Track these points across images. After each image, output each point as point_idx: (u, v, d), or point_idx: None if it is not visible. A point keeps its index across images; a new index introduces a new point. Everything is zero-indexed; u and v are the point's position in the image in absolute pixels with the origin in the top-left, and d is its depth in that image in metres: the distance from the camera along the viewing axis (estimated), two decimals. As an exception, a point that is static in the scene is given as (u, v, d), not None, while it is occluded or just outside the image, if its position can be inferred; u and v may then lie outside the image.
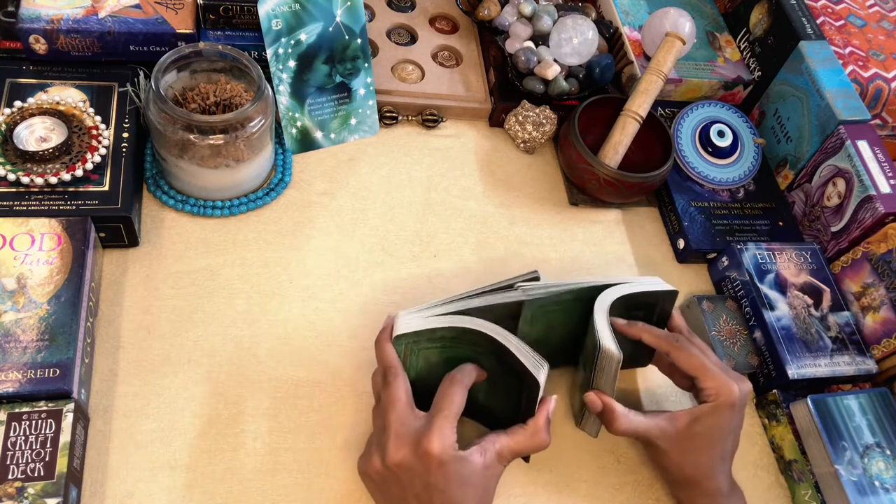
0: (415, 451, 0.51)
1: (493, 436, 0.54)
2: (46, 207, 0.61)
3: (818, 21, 0.86)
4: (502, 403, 0.58)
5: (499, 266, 0.73)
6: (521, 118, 0.80)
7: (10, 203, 0.60)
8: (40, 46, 0.67)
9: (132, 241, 0.65)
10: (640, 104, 0.77)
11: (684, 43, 0.79)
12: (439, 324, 0.56)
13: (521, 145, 0.82)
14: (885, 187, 0.73)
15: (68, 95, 0.66)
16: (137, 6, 0.68)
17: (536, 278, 0.61)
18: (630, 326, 0.61)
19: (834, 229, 0.76)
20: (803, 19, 0.83)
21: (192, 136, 0.61)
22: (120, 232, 0.63)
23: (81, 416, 0.54)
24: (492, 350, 0.56)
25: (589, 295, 0.60)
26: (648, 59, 0.85)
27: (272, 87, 0.67)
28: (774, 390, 0.68)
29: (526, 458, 0.60)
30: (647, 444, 0.60)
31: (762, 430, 0.69)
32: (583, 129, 0.78)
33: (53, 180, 0.61)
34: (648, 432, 0.58)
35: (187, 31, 0.69)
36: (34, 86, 0.67)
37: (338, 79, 0.71)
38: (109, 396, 0.58)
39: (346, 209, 0.73)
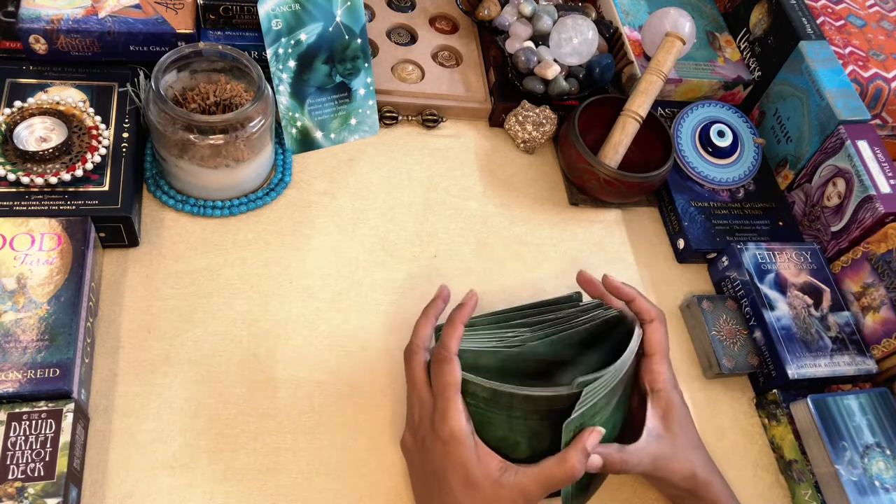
0: (430, 430, 0.51)
1: (526, 466, 0.50)
2: (46, 207, 0.61)
3: (818, 21, 0.86)
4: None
5: (498, 266, 0.73)
6: (521, 118, 0.80)
7: (10, 203, 0.60)
8: (40, 46, 0.67)
9: (132, 241, 0.65)
10: (640, 104, 0.77)
11: (684, 43, 0.79)
12: (475, 379, 0.51)
13: (521, 145, 0.82)
14: (885, 187, 0.73)
15: (68, 95, 0.66)
16: (137, 6, 0.68)
17: (577, 299, 0.62)
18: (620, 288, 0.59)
19: (834, 229, 0.76)
20: (803, 19, 0.83)
21: (192, 136, 0.61)
22: (120, 232, 0.63)
23: (81, 416, 0.54)
24: (537, 409, 0.51)
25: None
26: (648, 59, 0.85)
27: (272, 87, 0.67)
28: (774, 390, 0.68)
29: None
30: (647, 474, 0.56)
31: (762, 430, 0.69)
32: (583, 129, 0.78)
33: (53, 180, 0.61)
34: (652, 462, 0.54)
35: (187, 31, 0.69)
36: (34, 86, 0.67)
37: (338, 79, 0.71)
38: (109, 396, 0.58)
39: (346, 209, 0.73)
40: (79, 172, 0.62)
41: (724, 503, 0.56)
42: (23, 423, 0.51)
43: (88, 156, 0.63)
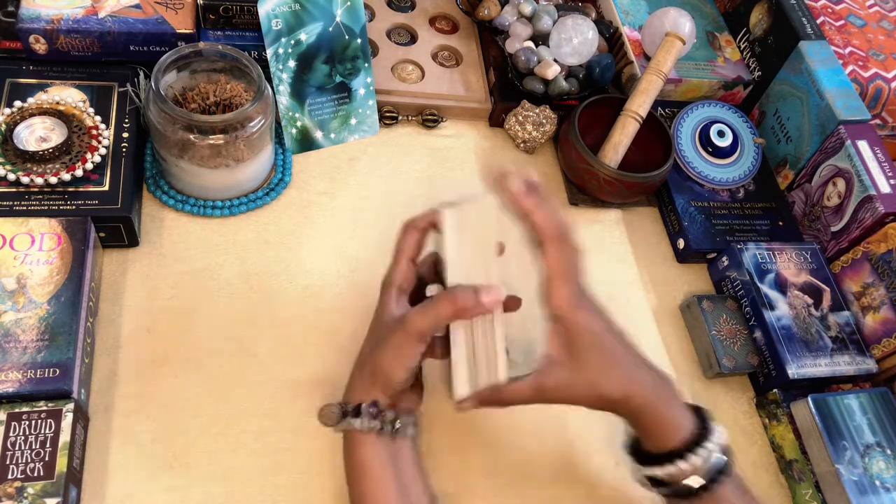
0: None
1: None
2: (46, 207, 0.61)
3: (818, 21, 0.86)
4: None
5: (499, 266, 0.73)
6: (521, 118, 0.80)
7: (10, 203, 0.60)
8: (40, 46, 0.67)
9: (132, 241, 0.65)
10: (640, 104, 0.77)
11: (684, 43, 0.79)
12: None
13: (521, 145, 0.82)
14: (885, 187, 0.73)
15: (68, 95, 0.66)
16: (137, 6, 0.68)
17: None
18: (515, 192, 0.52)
19: (834, 229, 0.76)
20: (803, 19, 0.84)
21: (192, 136, 0.61)
22: (120, 232, 0.63)
23: (81, 416, 0.54)
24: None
25: None
26: (648, 59, 0.85)
27: (272, 87, 0.67)
28: (775, 390, 0.68)
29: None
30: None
31: (762, 429, 0.69)
32: (583, 129, 0.78)
33: (53, 180, 0.61)
34: (539, 392, 0.52)
35: (187, 31, 0.69)
36: (34, 86, 0.67)
37: (338, 79, 0.71)
38: (109, 396, 0.58)
39: (346, 209, 0.73)
40: (79, 172, 0.62)
41: (648, 414, 0.53)
42: (22, 422, 0.51)
43: (88, 156, 0.62)
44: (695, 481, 0.52)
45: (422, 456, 0.56)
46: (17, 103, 0.64)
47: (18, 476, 0.49)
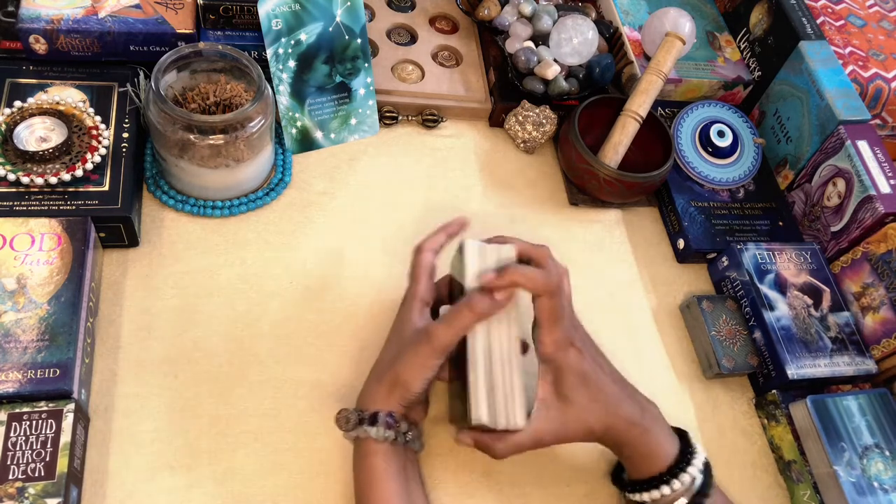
0: None
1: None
2: (46, 207, 0.61)
3: (818, 21, 0.86)
4: None
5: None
6: (521, 118, 0.80)
7: (10, 203, 0.60)
8: (40, 46, 0.67)
9: (132, 241, 0.65)
10: (640, 104, 0.77)
11: (684, 43, 0.79)
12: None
13: (521, 145, 0.82)
14: (885, 187, 0.73)
15: (68, 95, 0.66)
16: (137, 6, 0.68)
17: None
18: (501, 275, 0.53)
19: (834, 229, 0.76)
20: (803, 19, 0.83)
21: (192, 136, 0.61)
22: (120, 232, 0.63)
23: (82, 417, 0.54)
24: None
25: None
26: (648, 59, 0.85)
27: (272, 87, 0.67)
28: (774, 391, 0.68)
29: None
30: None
31: (761, 430, 0.69)
32: (583, 129, 0.78)
33: (53, 180, 0.61)
34: (537, 440, 0.54)
35: (187, 31, 0.69)
36: (34, 86, 0.67)
37: (338, 79, 0.71)
38: (109, 396, 0.58)
39: (346, 209, 0.73)
40: (79, 172, 0.62)
41: (632, 443, 0.55)
42: (23, 423, 0.51)
43: (88, 156, 0.63)
44: (681, 502, 0.54)
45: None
46: (17, 103, 0.64)
47: (19, 476, 0.49)
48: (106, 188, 0.63)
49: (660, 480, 0.54)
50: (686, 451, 0.55)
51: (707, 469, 0.55)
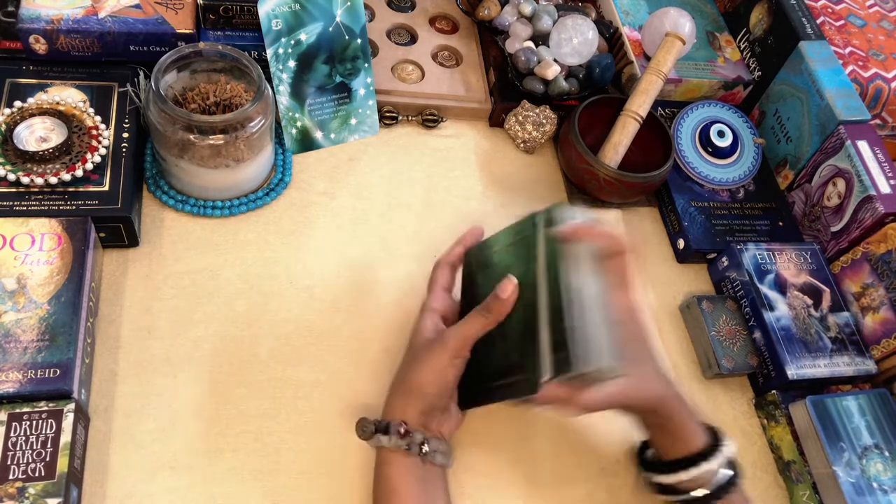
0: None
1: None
2: (46, 207, 0.61)
3: (818, 21, 0.86)
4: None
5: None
6: (521, 118, 0.80)
7: (10, 203, 0.60)
8: (40, 46, 0.67)
9: (132, 241, 0.65)
10: (640, 104, 0.77)
11: (684, 43, 0.79)
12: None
13: (521, 145, 0.82)
14: (885, 187, 0.73)
15: (68, 95, 0.66)
16: (137, 6, 0.68)
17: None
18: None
19: (834, 229, 0.76)
20: (803, 19, 0.83)
21: (192, 136, 0.61)
22: (120, 232, 0.63)
23: (82, 416, 0.54)
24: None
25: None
26: (648, 59, 0.85)
27: (272, 87, 0.67)
28: (774, 391, 0.68)
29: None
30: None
31: (761, 430, 0.69)
32: (583, 129, 0.78)
33: (53, 180, 0.61)
34: (625, 395, 0.54)
35: (187, 31, 0.69)
36: (34, 86, 0.67)
37: (338, 79, 0.71)
38: (109, 396, 0.58)
39: (346, 209, 0.73)
40: (79, 172, 0.62)
41: (678, 419, 0.55)
42: (23, 423, 0.51)
43: (88, 156, 0.63)
44: (700, 492, 0.54)
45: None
46: (17, 103, 0.64)
47: (19, 476, 0.49)
48: (106, 188, 0.63)
49: (687, 462, 0.54)
50: (716, 442, 0.56)
51: (735, 465, 0.56)
